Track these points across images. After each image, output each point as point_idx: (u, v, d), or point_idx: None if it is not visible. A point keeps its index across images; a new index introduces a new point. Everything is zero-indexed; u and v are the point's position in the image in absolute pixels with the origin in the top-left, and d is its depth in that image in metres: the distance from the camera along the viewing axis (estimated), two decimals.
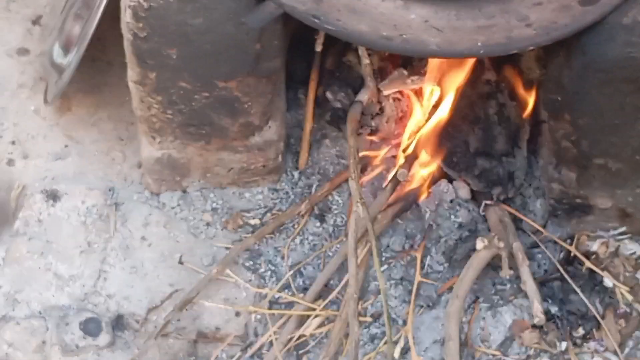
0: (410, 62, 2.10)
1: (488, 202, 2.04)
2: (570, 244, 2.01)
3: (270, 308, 1.99)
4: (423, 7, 1.74)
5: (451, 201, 2.04)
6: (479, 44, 1.70)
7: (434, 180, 2.07)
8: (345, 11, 1.72)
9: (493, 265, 1.99)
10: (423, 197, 2.07)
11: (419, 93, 2.10)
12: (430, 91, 2.08)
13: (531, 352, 1.96)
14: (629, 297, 1.96)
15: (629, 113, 1.81)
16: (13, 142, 2.18)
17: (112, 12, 1.90)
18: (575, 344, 1.96)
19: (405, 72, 2.09)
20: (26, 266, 2.05)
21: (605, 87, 1.78)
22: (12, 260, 2.06)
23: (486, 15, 1.73)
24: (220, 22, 1.81)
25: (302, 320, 1.97)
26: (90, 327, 1.98)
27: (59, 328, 1.98)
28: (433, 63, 2.06)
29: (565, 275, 1.99)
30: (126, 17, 1.83)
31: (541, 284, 1.99)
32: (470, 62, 2.04)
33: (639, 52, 1.72)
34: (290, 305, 2.00)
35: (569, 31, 1.71)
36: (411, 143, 2.09)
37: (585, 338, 1.97)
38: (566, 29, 1.71)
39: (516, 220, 2.04)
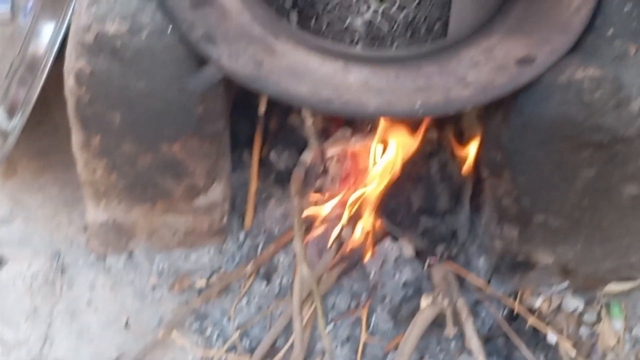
0: (354, 122, 2.11)
1: (432, 260, 2.05)
2: (514, 300, 2.03)
3: None
4: (363, 69, 1.75)
5: (395, 260, 2.06)
6: (418, 104, 1.71)
7: (378, 239, 2.08)
8: (286, 74, 1.73)
9: (438, 322, 1.99)
10: (367, 255, 2.08)
11: (362, 152, 2.12)
12: (374, 150, 2.10)
13: None
14: (573, 353, 1.97)
15: (566, 171, 1.83)
16: None
17: (56, 77, 1.91)
18: None
19: (349, 132, 2.11)
20: None
21: (543, 145, 1.80)
22: None
23: (425, 75, 1.74)
24: (162, 86, 1.83)
25: None
26: None
27: None
28: (377, 123, 2.08)
29: (510, 332, 2.00)
30: (69, 81, 1.85)
31: (486, 340, 2.00)
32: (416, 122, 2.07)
33: (574, 111, 1.74)
34: None
35: (506, 91, 1.73)
36: (355, 202, 2.10)
37: None
38: (503, 89, 1.73)
39: (460, 278, 2.05)
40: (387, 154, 2.08)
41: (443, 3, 1.71)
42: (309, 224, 2.11)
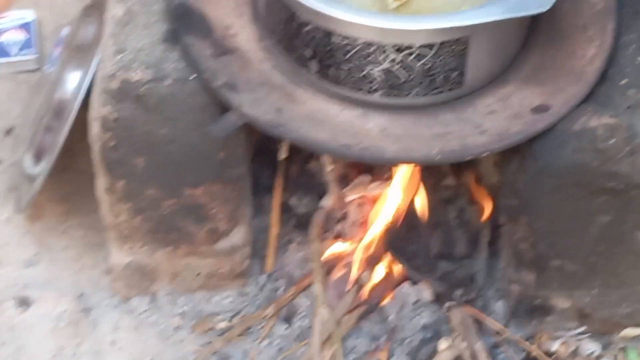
0: (373, 169, 2.13)
1: (450, 303, 2.06)
2: (532, 344, 2.03)
3: None
4: (381, 116, 1.77)
5: (414, 303, 2.06)
6: (435, 151, 1.73)
7: (397, 283, 2.09)
8: (306, 121, 1.75)
9: None
10: (387, 299, 2.08)
11: (382, 198, 2.12)
12: (393, 196, 2.10)
13: None
14: None
15: (581, 217, 1.84)
16: None
17: (81, 123, 1.94)
18: None
19: (369, 178, 2.12)
20: None
21: (558, 192, 1.81)
22: None
23: (442, 123, 1.76)
24: (185, 132, 1.85)
25: None
26: None
27: None
28: (396, 169, 2.08)
29: None
30: (95, 127, 1.87)
31: None
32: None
33: (588, 157, 1.75)
34: None
35: (521, 138, 1.74)
36: (374, 247, 2.11)
37: None
38: (518, 136, 1.74)
39: (478, 321, 2.05)
40: (406, 200, 2.10)
41: (460, 53, 1.71)
42: (329, 268, 2.12)
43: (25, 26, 2.36)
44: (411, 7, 1.81)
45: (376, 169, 2.12)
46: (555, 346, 2.04)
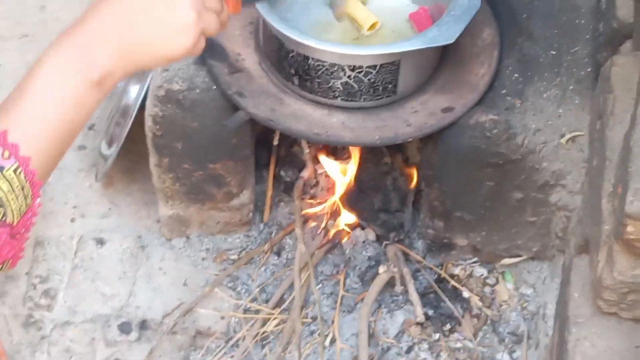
0: (336, 149, 2.12)
1: (387, 242, 2.06)
2: (441, 269, 2.03)
3: (244, 314, 2.01)
4: (341, 113, 1.77)
5: (363, 242, 2.07)
6: (377, 137, 1.75)
7: (352, 228, 2.09)
8: (291, 117, 1.77)
9: (390, 283, 2.01)
10: (345, 239, 2.08)
11: (341, 171, 2.11)
12: (348, 170, 2.10)
13: (415, 340, 1.97)
14: (479, 304, 1.99)
15: (474, 183, 1.84)
16: (74, 207, 2.19)
17: (140, 120, 1.95)
18: (444, 335, 1.97)
19: (333, 157, 2.12)
20: (82, 288, 2.07)
21: (459, 166, 1.82)
22: (73, 284, 2.07)
23: (382, 119, 1.77)
24: (209, 125, 1.86)
25: (265, 321, 1.99)
26: (125, 328, 2.01)
27: (103, 329, 2.01)
28: (350, 150, 2.08)
29: (438, 290, 2.01)
30: (148, 122, 1.88)
31: (422, 295, 2.00)
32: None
33: (479, 142, 1.76)
34: (257, 312, 2.01)
35: (435, 129, 1.76)
36: (337, 204, 2.11)
37: (451, 331, 1.98)
38: (433, 127, 1.76)
39: (405, 254, 2.05)
40: (357, 172, 2.10)
41: (394, 71, 1.71)
42: (306, 219, 2.11)
43: None
44: (366, 40, 1.82)
45: (338, 150, 2.11)
46: (457, 271, 2.04)
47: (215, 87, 1.81)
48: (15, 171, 0.94)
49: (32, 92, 0.96)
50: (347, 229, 2.09)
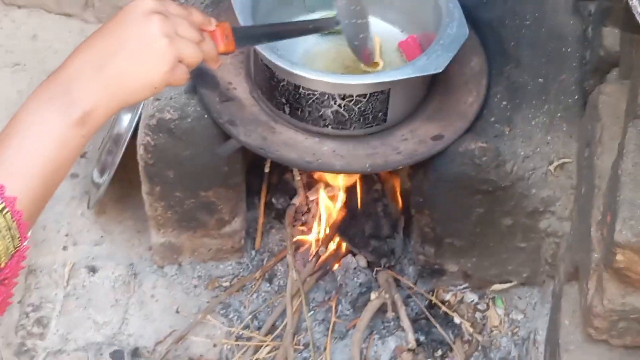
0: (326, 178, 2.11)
1: (378, 268, 2.04)
2: (432, 295, 2.02)
3: (236, 341, 1.99)
4: (332, 142, 1.76)
5: (354, 268, 2.06)
6: (367, 165, 1.74)
7: (343, 255, 2.08)
8: (282, 145, 1.75)
9: (382, 309, 1.99)
10: (336, 266, 2.08)
11: (332, 198, 2.11)
12: (339, 196, 2.10)
13: None
14: (470, 330, 1.98)
15: (464, 209, 1.84)
16: (67, 234, 2.18)
17: (131, 148, 1.94)
18: None
19: (323, 185, 2.11)
20: (74, 316, 2.05)
21: (449, 192, 1.81)
22: (65, 312, 2.06)
23: (372, 146, 1.76)
24: (201, 153, 1.85)
25: (257, 348, 1.97)
26: (117, 356, 1.99)
27: (96, 357, 2.00)
28: (341, 178, 2.08)
29: (429, 316, 2.00)
30: (140, 150, 1.87)
31: (413, 321, 1.99)
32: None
33: (469, 169, 1.76)
34: (249, 339, 2.00)
35: (425, 156, 1.75)
36: (327, 231, 2.10)
37: (443, 357, 1.97)
38: (422, 155, 1.75)
39: (396, 280, 2.04)
40: (348, 199, 2.09)
41: (384, 100, 1.71)
42: (297, 245, 2.11)
43: None
44: (355, 69, 1.82)
45: (329, 178, 2.10)
46: (448, 296, 2.03)
47: (206, 115, 1.81)
48: (1, 211, 0.95)
49: (15, 133, 0.98)
50: (338, 255, 2.08)
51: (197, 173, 1.89)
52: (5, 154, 0.97)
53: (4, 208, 0.96)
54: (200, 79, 1.83)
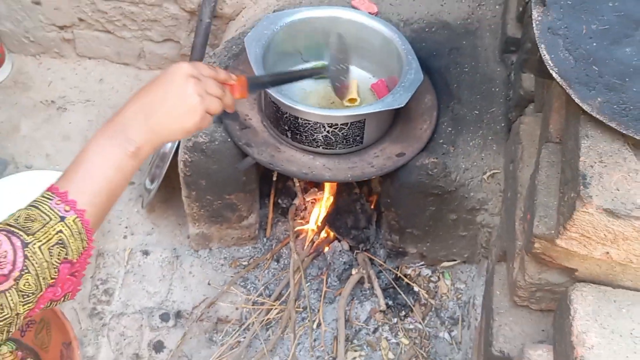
0: (319, 185, 2.11)
1: (357, 251, 2.04)
2: (397, 270, 2.01)
3: (252, 305, 1.98)
4: (322, 158, 1.75)
5: (340, 251, 2.05)
6: (349, 175, 1.73)
7: (331, 241, 2.07)
8: (285, 161, 1.74)
9: (360, 281, 1.99)
10: (326, 249, 2.07)
11: (323, 199, 2.11)
12: (328, 198, 2.09)
13: (379, 323, 1.95)
14: (426, 296, 1.98)
15: (421, 208, 1.83)
16: (126, 227, 2.16)
17: (173, 163, 1.93)
18: (401, 319, 1.96)
19: (316, 190, 2.11)
20: (132, 287, 2.03)
21: (410, 195, 1.80)
22: (125, 285, 2.04)
23: (352, 162, 1.75)
24: (225, 167, 1.84)
25: (268, 311, 1.97)
26: (164, 317, 1.98)
27: (149, 318, 1.98)
28: (329, 185, 2.08)
29: (395, 286, 1.99)
30: (180, 165, 1.86)
31: (384, 290, 1.98)
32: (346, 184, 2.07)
33: (424, 178, 1.74)
34: (262, 304, 1.98)
35: (391, 169, 1.74)
36: (320, 223, 2.09)
37: (405, 316, 1.97)
38: (390, 168, 1.74)
39: (371, 259, 2.03)
40: (334, 200, 2.08)
41: (360, 127, 1.70)
42: (297, 234, 2.10)
43: None
44: (339, 104, 1.81)
45: (320, 185, 2.10)
46: (409, 271, 2.03)
47: (229, 139, 1.80)
48: (74, 220, 0.96)
49: (84, 162, 0.99)
50: (328, 241, 2.07)
51: (223, 182, 1.88)
52: (76, 177, 0.99)
53: (76, 218, 0.97)
54: (225, 112, 1.81)
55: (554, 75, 1.16)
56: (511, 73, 1.85)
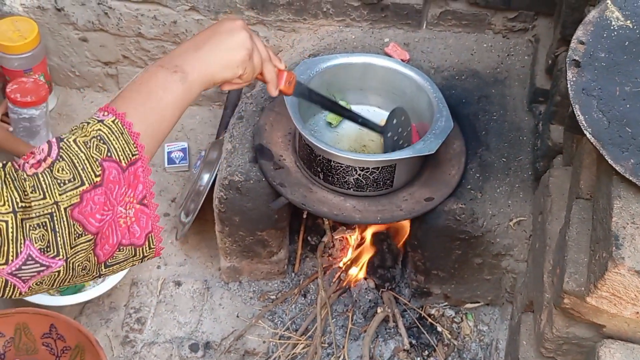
0: (348, 225, 2.08)
1: (383, 289, 2.01)
2: (421, 310, 1.98)
3: (279, 339, 1.96)
4: (353, 200, 1.74)
5: (366, 289, 2.02)
6: (379, 218, 1.72)
7: (358, 279, 2.05)
8: (317, 202, 1.74)
9: (385, 320, 1.96)
10: (353, 286, 2.04)
11: (352, 239, 2.09)
12: (357, 237, 2.07)
13: None
14: (449, 336, 1.94)
15: (447, 251, 1.81)
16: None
17: (208, 199, 1.92)
18: (423, 358, 1.93)
19: (345, 228, 2.09)
20: (164, 317, 2.02)
21: (437, 238, 1.78)
22: (157, 314, 2.03)
23: (382, 204, 1.74)
24: (259, 205, 1.84)
25: (295, 345, 1.94)
26: (194, 347, 1.96)
27: (179, 348, 1.96)
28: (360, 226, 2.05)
29: (419, 325, 1.96)
30: (215, 201, 1.86)
31: (408, 329, 1.95)
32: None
33: (451, 223, 1.73)
34: (289, 338, 1.96)
35: (420, 213, 1.73)
36: (348, 260, 2.07)
37: (428, 356, 1.93)
38: (418, 212, 1.73)
39: (396, 299, 2.00)
40: (363, 239, 2.06)
41: (391, 171, 1.70)
42: (325, 270, 2.07)
43: (182, 149, 2.33)
44: (371, 148, 1.80)
45: (349, 226, 2.08)
46: (433, 311, 2.00)
47: (264, 179, 1.80)
48: (113, 121, 0.92)
49: (132, 83, 0.98)
50: (354, 278, 2.05)
51: (256, 219, 1.88)
52: (123, 93, 0.97)
53: (115, 119, 0.92)
54: (260, 152, 1.82)
55: (588, 135, 1.14)
56: (539, 123, 1.83)
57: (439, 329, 1.95)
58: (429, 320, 1.96)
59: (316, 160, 1.71)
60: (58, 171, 0.86)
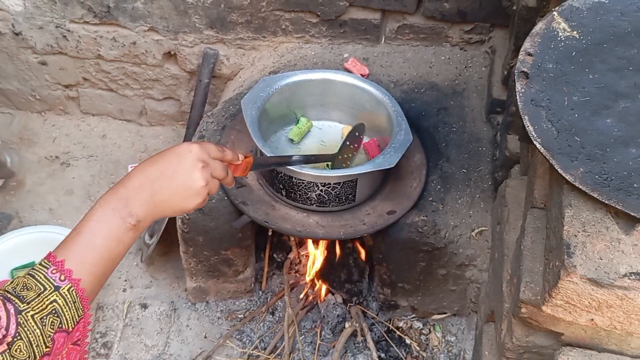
0: (314, 241, 2.07)
1: (351, 304, 2.01)
2: (389, 323, 1.99)
3: (248, 358, 1.95)
4: (316, 216, 1.74)
5: (333, 304, 2.02)
6: (342, 233, 1.71)
7: (325, 294, 2.04)
8: (280, 219, 1.72)
9: (354, 334, 1.96)
10: (320, 302, 2.03)
11: (317, 254, 2.08)
12: (322, 252, 2.06)
13: None
14: (418, 348, 1.94)
15: (411, 263, 1.81)
16: (125, 280, 2.13)
17: (172, 220, 1.91)
18: None
19: (311, 244, 2.08)
20: (131, 340, 1.99)
21: (401, 251, 1.79)
22: (124, 338, 2.00)
23: (344, 219, 1.73)
24: (221, 224, 1.82)
25: None
26: None
27: None
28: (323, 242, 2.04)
29: (388, 339, 1.96)
30: (178, 222, 1.84)
31: (376, 343, 1.95)
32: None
33: (414, 235, 1.73)
34: (258, 357, 1.95)
35: (383, 226, 1.72)
36: (314, 277, 2.06)
37: None
38: (381, 225, 1.72)
39: (364, 312, 2.00)
40: (327, 254, 2.06)
41: (353, 186, 1.69)
42: (292, 287, 2.07)
43: None
44: (333, 166, 1.80)
45: (314, 241, 2.07)
46: (401, 324, 2.00)
47: (226, 197, 1.78)
48: (68, 290, 0.94)
49: (85, 231, 0.97)
50: (322, 294, 2.04)
51: (219, 238, 1.86)
52: (76, 246, 0.97)
53: (70, 287, 0.94)
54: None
55: (538, 146, 1.15)
56: (497, 133, 1.85)
57: (408, 341, 1.95)
58: (397, 332, 1.96)
59: (278, 177, 1.71)
60: (16, 351, 0.90)
